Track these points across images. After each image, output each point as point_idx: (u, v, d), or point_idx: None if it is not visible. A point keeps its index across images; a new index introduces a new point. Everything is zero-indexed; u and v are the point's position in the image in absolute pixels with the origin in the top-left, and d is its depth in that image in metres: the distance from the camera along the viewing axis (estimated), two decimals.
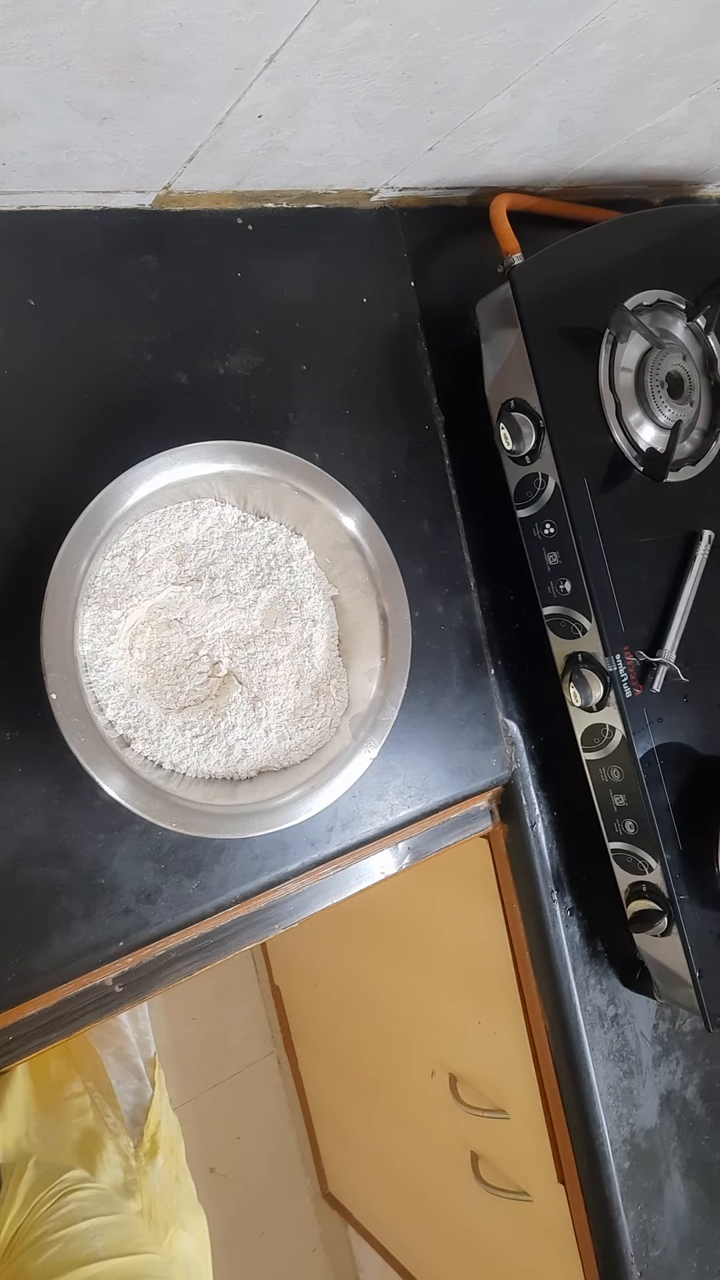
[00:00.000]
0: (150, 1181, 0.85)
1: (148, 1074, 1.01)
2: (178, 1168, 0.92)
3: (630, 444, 0.88)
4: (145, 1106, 0.96)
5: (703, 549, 0.90)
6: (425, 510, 0.90)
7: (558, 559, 0.85)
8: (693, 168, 1.02)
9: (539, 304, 0.84)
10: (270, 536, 0.76)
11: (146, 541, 0.71)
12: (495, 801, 0.97)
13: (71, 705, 0.63)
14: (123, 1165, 0.84)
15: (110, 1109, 0.91)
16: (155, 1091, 0.98)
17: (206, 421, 0.77)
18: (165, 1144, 0.92)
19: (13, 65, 0.53)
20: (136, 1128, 0.92)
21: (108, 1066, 0.97)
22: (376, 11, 0.56)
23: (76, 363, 0.73)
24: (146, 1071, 1.01)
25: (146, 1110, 0.95)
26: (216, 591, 0.73)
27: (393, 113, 0.71)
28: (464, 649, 0.91)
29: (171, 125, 0.65)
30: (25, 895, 0.68)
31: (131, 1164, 0.85)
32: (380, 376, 0.89)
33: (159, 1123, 0.94)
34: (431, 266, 0.94)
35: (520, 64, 0.68)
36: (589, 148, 0.88)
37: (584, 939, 0.98)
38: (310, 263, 0.86)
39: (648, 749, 0.85)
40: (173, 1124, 0.97)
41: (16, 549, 0.69)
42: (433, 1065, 1.31)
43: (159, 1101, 0.97)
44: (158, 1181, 0.86)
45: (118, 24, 0.51)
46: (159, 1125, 0.94)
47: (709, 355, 0.94)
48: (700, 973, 0.87)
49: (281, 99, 0.64)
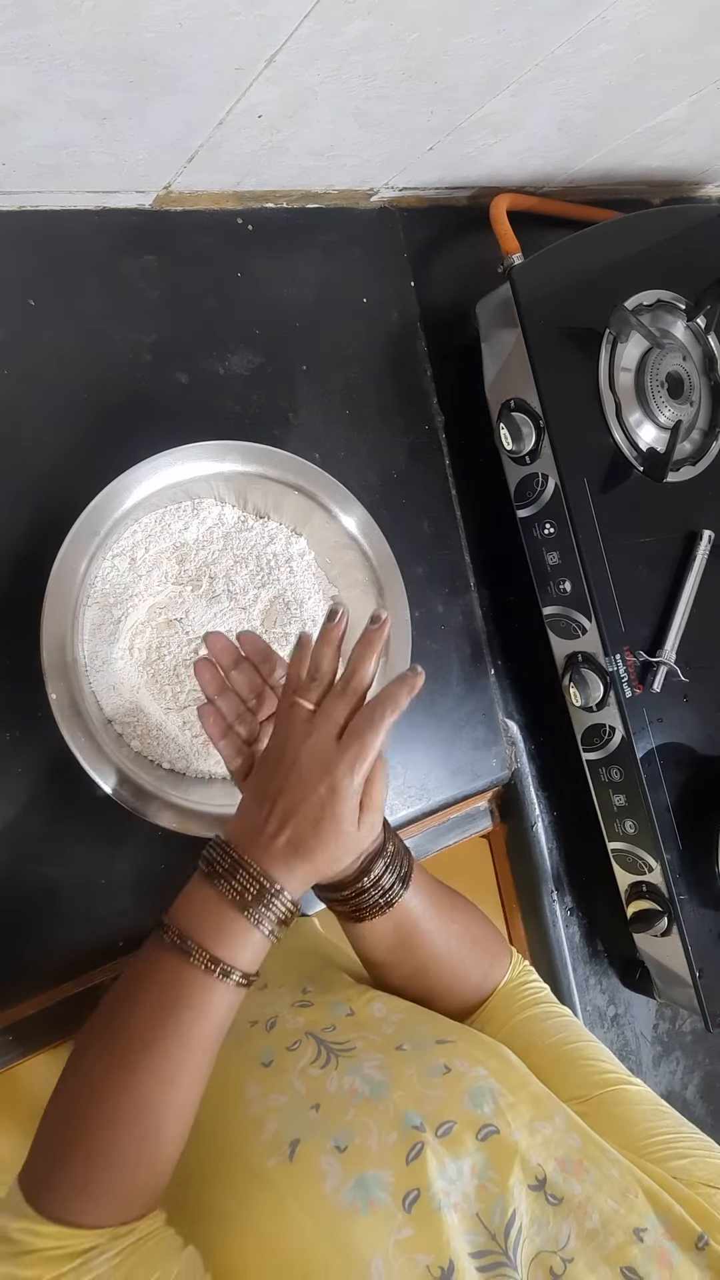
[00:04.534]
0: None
1: None
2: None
3: (630, 444, 0.88)
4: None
5: (703, 549, 0.90)
6: (425, 510, 0.90)
7: (558, 559, 0.85)
8: (693, 168, 1.02)
9: (539, 304, 0.84)
10: (270, 536, 0.76)
11: (146, 542, 0.71)
12: (495, 801, 0.97)
13: (71, 705, 0.63)
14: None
15: None
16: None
17: (206, 421, 0.77)
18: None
19: (13, 65, 0.53)
20: None
21: None
22: (376, 11, 0.56)
23: (76, 363, 0.73)
24: None
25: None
26: (216, 591, 0.72)
27: (392, 113, 0.71)
28: (464, 649, 0.91)
29: (171, 125, 0.64)
30: (25, 895, 0.68)
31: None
32: (380, 376, 0.89)
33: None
34: (431, 266, 0.94)
35: (520, 64, 0.68)
36: (589, 148, 0.88)
37: (584, 939, 0.98)
38: (310, 263, 0.86)
39: (648, 749, 0.85)
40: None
41: (16, 549, 0.69)
42: None
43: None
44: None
45: (118, 24, 0.51)
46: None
47: (709, 355, 0.94)
48: (700, 973, 0.86)
49: (281, 99, 0.64)
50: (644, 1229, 0.46)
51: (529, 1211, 0.46)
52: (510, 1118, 0.50)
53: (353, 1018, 0.60)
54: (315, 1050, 0.57)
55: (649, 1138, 0.53)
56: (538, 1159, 0.48)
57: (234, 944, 0.51)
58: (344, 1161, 0.48)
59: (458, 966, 0.64)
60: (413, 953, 0.63)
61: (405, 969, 0.64)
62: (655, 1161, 0.51)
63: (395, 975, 0.64)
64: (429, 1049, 0.55)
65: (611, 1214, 0.46)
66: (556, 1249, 0.45)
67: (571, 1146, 0.50)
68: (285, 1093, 0.54)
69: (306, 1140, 0.49)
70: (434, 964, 0.63)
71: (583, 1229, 0.46)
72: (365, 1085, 0.52)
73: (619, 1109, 0.56)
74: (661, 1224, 0.46)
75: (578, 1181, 0.48)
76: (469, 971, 0.65)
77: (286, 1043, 0.58)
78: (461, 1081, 0.52)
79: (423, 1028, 0.58)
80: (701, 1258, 0.45)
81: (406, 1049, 0.56)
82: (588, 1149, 0.50)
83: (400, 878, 0.61)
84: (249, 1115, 0.53)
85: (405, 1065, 0.54)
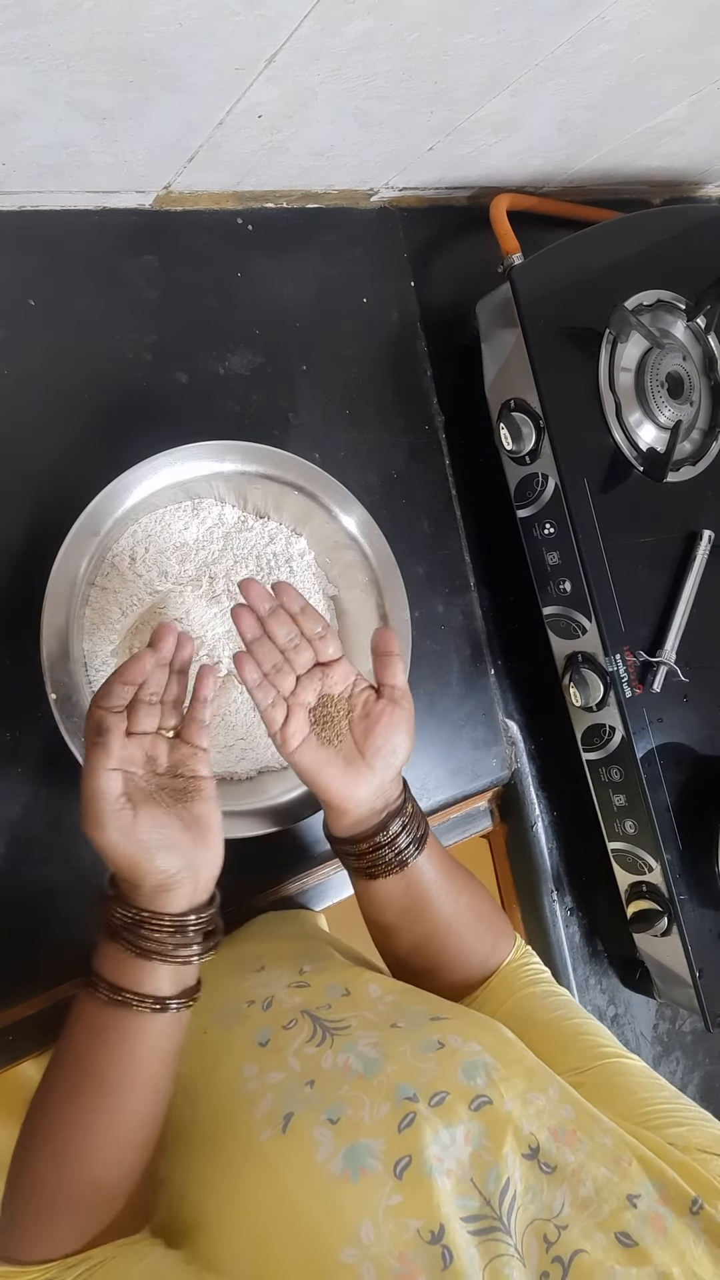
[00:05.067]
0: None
1: None
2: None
3: (630, 444, 0.88)
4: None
5: (703, 549, 0.90)
6: (425, 510, 0.90)
7: (558, 559, 0.85)
8: (693, 168, 1.02)
9: (539, 304, 0.84)
10: (270, 536, 0.76)
11: (146, 541, 0.71)
12: (495, 801, 0.97)
13: (71, 705, 0.63)
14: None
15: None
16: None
17: (206, 421, 0.77)
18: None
19: (13, 65, 0.53)
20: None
21: None
22: (376, 11, 0.56)
23: (76, 363, 0.73)
24: None
25: None
26: (216, 591, 0.72)
27: (392, 113, 0.71)
28: (464, 649, 0.91)
29: (171, 125, 0.64)
30: (25, 895, 0.68)
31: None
32: (380, 376, 0.89)
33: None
34: (431, 266, 0.94)
35: (520, 64, 0.68)
36: (589, 148, 0.88)
37: (584, 939, 0.98)
38: (310, 263, 0.86)
39: (648, 749, 0.85)
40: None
41: (16, 549, 0.69)
42: None
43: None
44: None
45: (118, 24, 0.51)
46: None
47: (709, 355, 0.94)
48: (700, 973, 0.86)
49: (281, 99, 0.64)
50: (637, 1195, 0.46)
51: (523, 1179, 0.46)
52: (503, 1089, 0.50)
53: (348, 997, 0.61)
54: (311, 1029, 0.57)
55: (645, 1107, 0.54)
56: (530, 1128, 0.49)
57: (155, 978, 0.52)
58: (336, 1132, 0.48)
59: (464, 939, 0.65)
60: (420, 917, 0.64)
61: (412, 935, 0.65)
62: (652, 1129, 0.51)
63: (402, 942, 0.65)
64: (423, 1025, 0.56)
65: (605, 1181, 0.46)
66: (550, 1216, 0.45)
67: (564, 1117, 0.50)
68: (281, 1070, 0.55)
69: (300, 1114, 0.50)
70: (440, 933, 0.64)
71: (576, 1196, 0.46)
72: (359, 1062, 0.53)
73: (616, 1079, 0.57)
74: (655, 1189, 0.47)
75: (570, 1150, 0.48)
76: (475, 945, 0.66)
77: (283, 1022, 0.59)
78: (455, 1056, 0.52)
79: (417, 1006, 0.59)
80: (696, 1221, 0.45)
81: (401, 1026, 0.56)
82: (580, 1119, 0.50)
83: (415, 840, 0.63)
84: (245, 1093, 0.54)
85: (399, 1042, 0.54)
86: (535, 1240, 0.44)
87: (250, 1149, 0.49)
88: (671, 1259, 0.43)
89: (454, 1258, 0.42)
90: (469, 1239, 0.43)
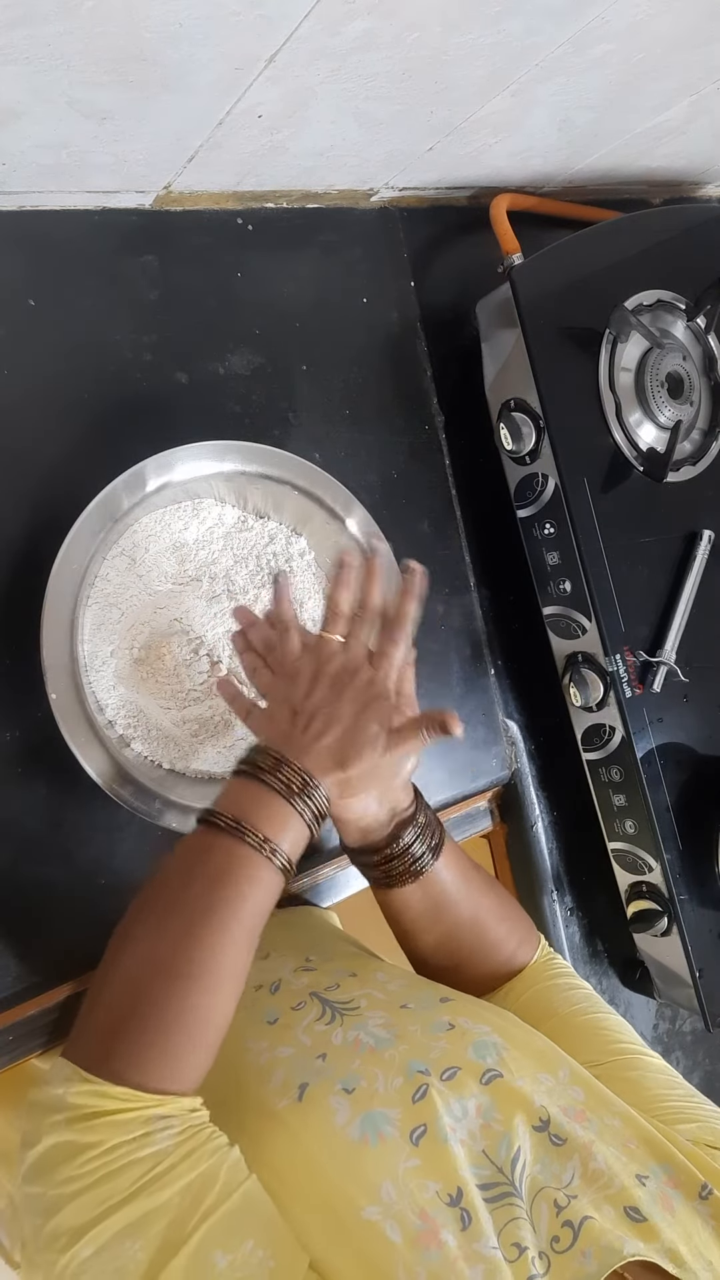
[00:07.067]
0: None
1: None
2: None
3: (630, 444, 0.88)
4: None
5: (703, 549, 0.90)
6: (425, 510, 0.90)
7: (558, 559, 0.85)
8: (693, 168, 1.02)
9: (539, 304, 0.84)
10: (270, 536, 0.76)
11: (146, 541, 0.71)
12: (495, 801, 0.97)
13: (71, 705, 0.63)
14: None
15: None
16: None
17: (206, 421, 0.77)
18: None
19: (13, 65, 0.53)
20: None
21: None
22: (376, 11, 0.56)
23: (76, 362, 0.73)
24: None
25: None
26: (216, 591, 0.73)
27: (393, 113, 0.71)
28: (464, 649, 0.91)
29: (171, 125, 0.64)
30: (26, 895, 0.68)
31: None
32: (380, 376, 0.89)
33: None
34: (431, 266, 0.94)
35: (520, 64, 0.68)
36: (589, 147, 0.88)
37: (584, 939, 0.98)
38: (310, 263, 0.86)
39: (648, 749, 0.85)
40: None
41: (16, 549, 0.69)
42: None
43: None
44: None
45: (118, 24, 0.51)
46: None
47: (709, 355, 0.94)
48: (700, 973, 0.87)
49: (281, 99, 0.64)
50: (647, 1176, 0.47)
51: (533, 1150, 0.47)
52: (514, 1067, 0.51)
53: (356, 979, 0.61)
54: (320, 1009, 0.58)
55: (659, 1102, 0.54)
56: (541, 1102, 0.49)
57: (280, 827, 0.54)
58: (352, 1101, 0.49)
59: (485, 937, 0.66)
60: (440, 919, 0.64)
61: (433, 935, 0.65)
62: (664, 1124, 0.51)
63: (423, 941, 0.66)
64: (433, 1007, 0.57)
65: (614, 1159, 0.47)
66: (560, 1186, 0.46)
67: (574, 1098, 0.51)
68: (292, 1045, 0.55)
69: (315, 1084, 0.51)
70: (461, 931, 0.65)
71: (586, 1170, 0.46)
72: (370, 1039, 0.54)
73: (631, 1073, 0.57)
74: (664, 1173, 0.47)
75: (580, 1127, 0.48)
76: (498, 944, 0.66)
77: (291, 1003, 0.59)
78: (466, 1036, 0.53)
79: (425, 990, 0.60)
80: (705, 1207, 0.46)
81: (411, 1007, 0.57)
82: (590, 1101, 0.51)
83: (431, 849, 0.63)
84: (257, 1066, 0.54)
85: (410, 1022, 0.55)
86: (546, 1205, 0.45)
87: (269, 1115, 0.50)
88: (679, 1237, 0.44)
89: (472, 1219, 0.43)
90: (483, 1204, 0.44)
